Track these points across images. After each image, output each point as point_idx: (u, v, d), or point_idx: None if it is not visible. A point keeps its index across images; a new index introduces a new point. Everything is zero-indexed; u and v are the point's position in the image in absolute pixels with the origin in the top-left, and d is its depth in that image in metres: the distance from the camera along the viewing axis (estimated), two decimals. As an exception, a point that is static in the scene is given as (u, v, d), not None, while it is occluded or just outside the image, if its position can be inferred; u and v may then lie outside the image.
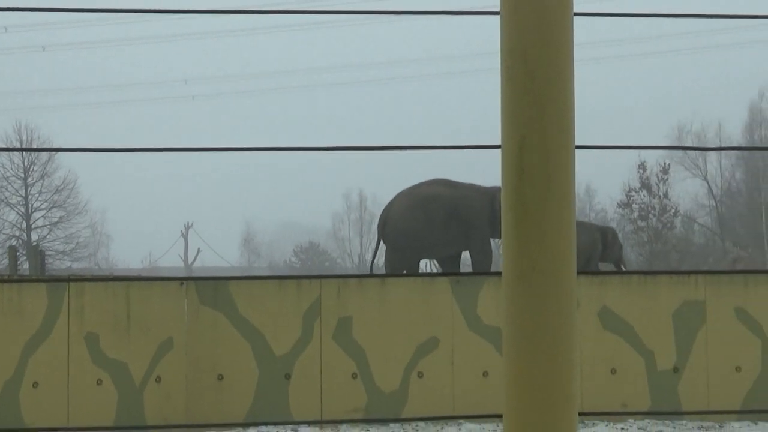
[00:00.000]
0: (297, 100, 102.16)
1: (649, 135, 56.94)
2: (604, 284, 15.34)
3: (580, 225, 28.05)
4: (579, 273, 14.70)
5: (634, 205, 55.50)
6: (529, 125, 3.75)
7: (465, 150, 4.68)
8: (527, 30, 3.83)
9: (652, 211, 54.01)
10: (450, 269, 20.18)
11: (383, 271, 21.12)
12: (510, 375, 3.72)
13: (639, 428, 13.94)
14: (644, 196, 55.11)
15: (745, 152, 53.30)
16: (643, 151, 51.62)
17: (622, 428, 13.93)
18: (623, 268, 22.29)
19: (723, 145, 55.04)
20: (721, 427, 14.13)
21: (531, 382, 3.74)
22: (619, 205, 57.86)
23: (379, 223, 21.03)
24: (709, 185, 58.64)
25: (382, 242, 20.57)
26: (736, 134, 55.00)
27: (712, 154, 55.55)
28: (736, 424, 14.26)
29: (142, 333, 13.65)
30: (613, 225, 50.82)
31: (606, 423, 14.21)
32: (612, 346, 14.92)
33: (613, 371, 14.90)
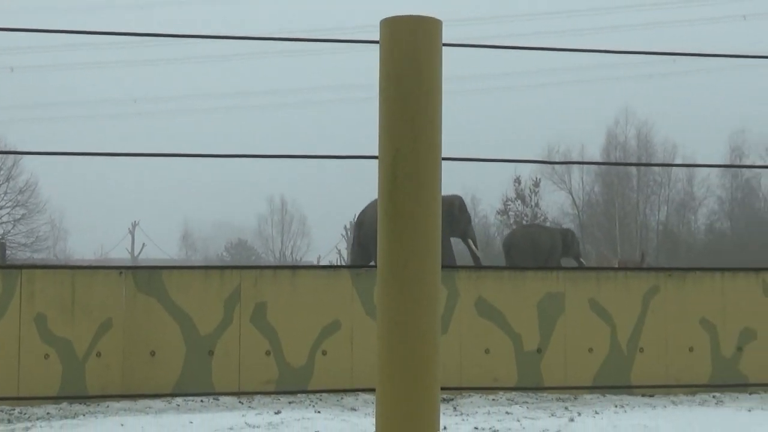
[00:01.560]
0: (228, 119, 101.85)
1: (525, 153, 57.39)
2: (480, 278, 15.41)
3: (546, 229, 28.30)
4: (459, 267, 14.79)
5: (510, 213, 56.14)
6: (401, 139, 3.66)
7: (369, 160, 4.58)
8: (402, 58, 3.74)
9: (525, 218, 54.66)
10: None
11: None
12: (383, 355, 3.64)
13: (507, 399, 13.99)
14: (519, 205, 55.77)
15: (603, 169, 54.29)
16: (519, 167, 52.24)
17: (493, 399, 13.97)
18: (583, 262, 22.34)
19: (585, 166, 55.98)
20: (575, 399, 14.23)
21: (400, 362, 3.65)
22: (498, 213, 58.52)
23: (355, 225, 21.34)
24: (572, 197, 59.45)
25: (355, 239, 20.73)
26: (595, 154, 55.70)
27: (575, 171, 56.47)
28: (588, 396, 14.38)
29: (85, 315, 13.46)
30: (493, 230, 51.24)
31: (480, 395, 14.24)
32: (486, 330, 14.98)
33: (487, 351, 14.95)
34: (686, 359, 15.55)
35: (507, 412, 12.27)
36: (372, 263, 20.14)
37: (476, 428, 10.57)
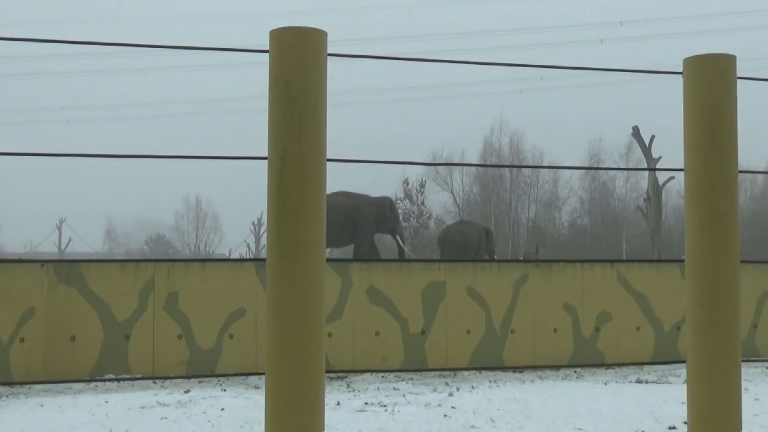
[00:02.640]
0: (148, 126, 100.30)
1: (413, 158, 57.60)
2: (372, 269, 15.34)
3: (473, 225, 28.31)
4: (353, 260, 14.57)
5: (399, 210, 56.27)
6: (289, 141, 3.51)
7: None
8: (290, 66, 3.58)
9: (413, 215, 54.91)
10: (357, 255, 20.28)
11: None
12: (271, 339, 3.49)
13: (395, 377, 13.92)
14: (407, 203, 55.93)
15: (480, 172, 54.91)
16: (407, 170, 52.40)
17: (383, 377, 13.89)
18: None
19: (465, 169, 56.48)
20: (455, 375, 14.24)
21: (286, 346, 3.51)
22: (389, 210, 58.51)
23: None
24: (454, 196, 59.96)
25: None
26: (474, 159, 56.20)
27: (456, 173, 56.95)
28: (466, 373, 14.41)
29: (9, 303, 13.03)
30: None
31: (371, 373, 14.17)
32: (376, 315, 14.93)
33: (377, 334, 14.89)
34: (551, 339, 15.72)
35: (394, 388, 12.19)
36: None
37: (366, 403, 10.45)
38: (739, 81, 4.45)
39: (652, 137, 29.45)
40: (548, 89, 72.19)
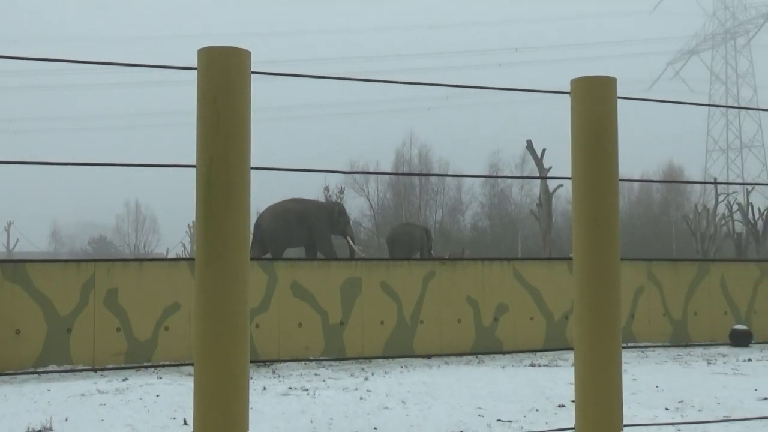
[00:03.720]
0: (90, 137, 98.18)
1: (333, 167, 57.39)
2: (295, 266, 15.23)
3: (416, 226, 27.95)
4: (274, 259, 14.34)
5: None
6: (215, 150, 3.43)
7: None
8: (216, 82, 3.50)
9: (333, 218, 54.50)
10: (303, 255, 20.28)
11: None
12: (199, 334, 3.39)
13: (317, 363, 13.85)
14: (328, 207, 55.58)
15: (393, 180, 55.05)
16: (328, 178, 52.16)
17: (305, 364, 13.80)
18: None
19: (379, 177, 56.56)
20: (370, 362, 14.23)
21: (213, 339, 3.41)
22: (311, 215, 58.20)
23: (255, 226, 21.03)
24: (370, 202, 59.98)
25: (256, 238, 20.47)
26: (387, 168, 56.32)
27: (371, 181, 57.03)
28: (380, 360, 14.41)
29: (-43, 300, 12.56)
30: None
31: (295, 361, 14.06)
32: (299, 308, 14.82)
33: (300, 325, 14.79)
34: (456, 329, 15.82)
35: (316, 374, 12.11)
36: (268, 255, 19.91)
37: (290, 388, 10.34)
38: (619, 101, 4.52)
39: (544, 150, 29.91)
40: (452, 107, 73.03)
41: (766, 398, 8.94)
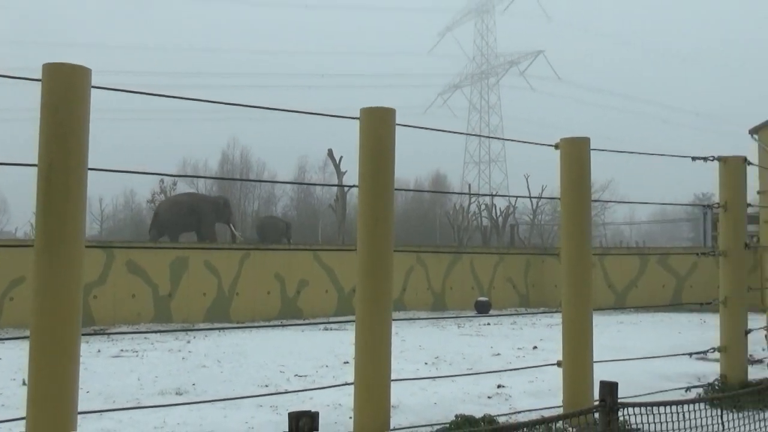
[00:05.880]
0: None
1: (167, 165, 54.93)
2: (132, 247, 14.59)
3: (278, 218, 26.00)
4: (114, 241, 13.62)
5: (156, 202, 53.64)
6: (56, 154, 3.22)
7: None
8: (59, 94, 3.29)
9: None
10: (201, 239, 19.35)
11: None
12: (35, 305, 3.20)
13: (147, 329, 13.26)
14: (162, 197, 53.27)
15: (219, 175, 53.89)
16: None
17: (137, 328, 13.17)
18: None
19: (208, 174, 54.86)
20: (193, 326, 13.82)
21: (49, 312, 3.22)
22: (147, 202, 55.49)
23: (154, 213, 20.87)
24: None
25: (155, 224, 19.59)
26: (214, 166, 54.86)
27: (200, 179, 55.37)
28: (202, 325, 14.01)
29: None
30: (144, 213, 48.75)
31: (128, 326, 13.41)
32: (133, 282, 14.22)
33: (133, 296, 14.16)
34: (266, 299, 15.70)
35: (145, 338, 11.60)
36: (165, 238, 18.92)
37: (122, 350, 9.86)
38: (397, 126, 4.65)
39: (341, 157, 30.27)
40: (269, 119, 72.41)
41: (498, 354, 9.52)
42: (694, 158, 6.54)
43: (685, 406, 3.40)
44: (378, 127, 4.48)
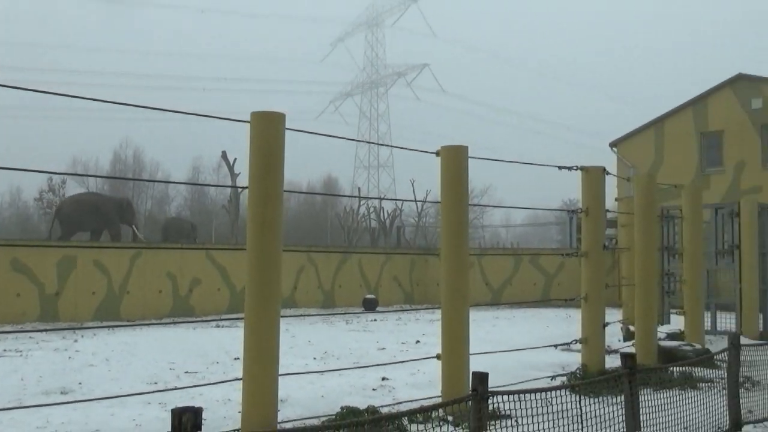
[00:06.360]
0: None
1: (59, 162, 51.92)
2: (17, 246, 13.72)
3: (183, 220, 24.37)
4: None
5: (44, 200, 50.60)
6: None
7: None
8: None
9: (55, 204, 49.43)
10: (94, 238, 18.71)
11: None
12: None
13: (32, 328, 12.48)
14: (50, 195, 50.31)
15: (110, 174, 51.43)
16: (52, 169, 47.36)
17: (21, 328, 12.39)
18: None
19: (99, 172, 52.27)
20: (82, 325, 13.14)
21: None
22: (35, 200, 52.26)
23: (56, 210, 20.38)
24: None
25: (57, 221, 18.82)
26: (106, 164, 52.40)
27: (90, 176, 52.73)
28: (90, 324, 13.36)
29: None
30: (31, 211, 45.96)
31: (11, 326, 12.60)
32: (18, 280, 13.37)
33: (18, 295, 13.33)
34: (157, 298, 15.16)
35: (30, 337, 10.93)
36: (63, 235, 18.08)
37: (5, 350, 9.24)
38: (287, 130, 4.61)
39: (235, 159, 29.70)
40: (163, 120, 69.93)
41: (383, 348, 9.60)
42: (560, 168, 6.86)
43: (550, 393, 3.55)
44: (268, 131, 4.42)
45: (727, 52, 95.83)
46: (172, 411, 1.99)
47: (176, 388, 5.20)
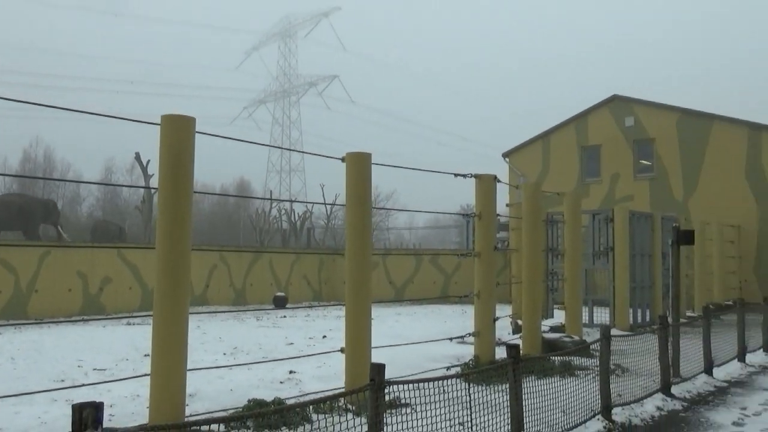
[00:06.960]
0: None
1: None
2: None
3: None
4: None
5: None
6: None
7: None
8: None
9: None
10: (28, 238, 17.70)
11: None
12: None
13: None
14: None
15: (19, 174, 48.40)
16: None
17: None
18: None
19: (7, 172, 49.09)
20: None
21: None
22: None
23: None
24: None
25: None
26: (15, 163, 49.32)
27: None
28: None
29: None
30: None
31: None
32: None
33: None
34: (66, 296, 14.40)
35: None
36: None
37: None
38: (198, 134, 4.50)
39: (149, 161, 28.65)
40: (74, 119, 66.55)
41: (292, 343, 9.53)
42: (456, 175, 7.02)
43: (444, 382, 3.64)
44: (178, 134, 4.31)
45: (605, 71, 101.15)
46: (73, 406, 1.90)
47: (83, 385, 4.96)
